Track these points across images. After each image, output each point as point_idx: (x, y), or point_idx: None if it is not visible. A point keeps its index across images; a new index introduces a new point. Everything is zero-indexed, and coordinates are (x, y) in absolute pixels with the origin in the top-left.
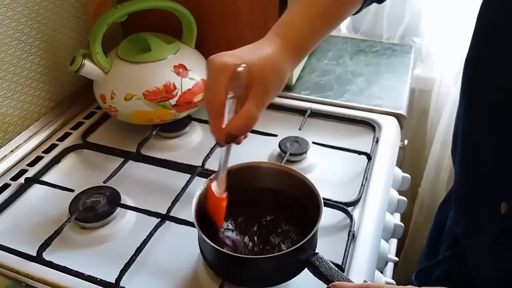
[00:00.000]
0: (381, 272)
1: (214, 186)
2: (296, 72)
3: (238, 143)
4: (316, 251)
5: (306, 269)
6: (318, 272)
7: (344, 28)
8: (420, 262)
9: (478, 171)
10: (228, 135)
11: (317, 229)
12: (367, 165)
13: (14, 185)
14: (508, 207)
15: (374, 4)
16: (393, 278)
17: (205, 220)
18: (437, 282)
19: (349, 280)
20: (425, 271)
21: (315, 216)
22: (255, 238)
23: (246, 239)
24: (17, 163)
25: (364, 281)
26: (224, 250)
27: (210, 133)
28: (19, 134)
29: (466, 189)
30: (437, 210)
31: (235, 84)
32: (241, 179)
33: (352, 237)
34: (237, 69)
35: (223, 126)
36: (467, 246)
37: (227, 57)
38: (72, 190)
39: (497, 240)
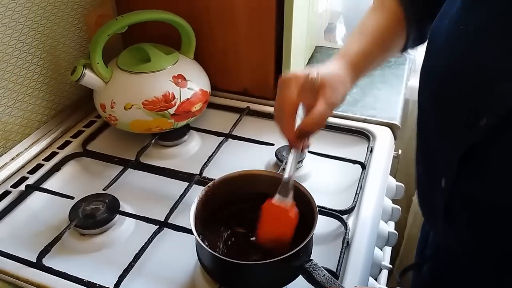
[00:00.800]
0: (375, 279)
1: (277, 199)
2: None
3: (303, 150)
4: (311, 258)
5: (301, 275)
6: (312, 279)
7: (339, 39)
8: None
9: (428, 153)
10: (301, 132)
11: (312, 236)
12: (361, 174)
13: (15, 192)
14: (445, 181)
15: None
16: (387, 285)
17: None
18: (422, 283)
19: (342, 287)
20: (413, 272)
21: (310, 223)
22: (252, 244)
23: (244, 245)
24: (17, 171)
25: (355, 286)
26: (220, 256)
27: (281, 136)
28: (20, 142)
29: (423, 175)
30: (423, 222)
31: (306, 91)
32: (239, 186)
33: (346, 244)
34: (312, 75)
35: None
36: (433, 232)
37: (297, 71)
38: (72, 197)
39: (446, 216)
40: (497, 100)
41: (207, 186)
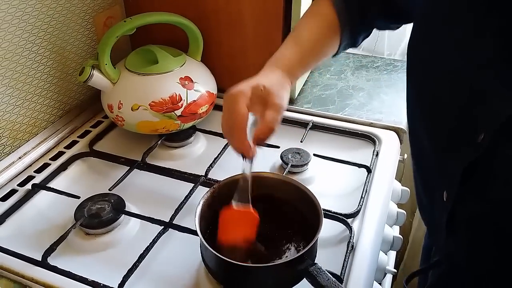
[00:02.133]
0: (380, 284)
1: (234, 203)
2: (299, 86)
3: (249, 156)
4: (315, 262)
5: (305, 279)
6: (316, 283)
7: None
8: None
9: (424, 165)
10: (258, 139)
11: (317, 239)
12: (367, 177)
13: (21, 191)
14: (447, 195)
15: None
16: None
17: (209, 230)
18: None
19: None
20: (419, 278)
21: (315, 226)
22: (257, 247)
23: (249, 247)
24: (24, 170)
25: None
26: (225, 258)
27: (233, 149)
28: (27, 141)
29: (421, 188)
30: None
31: (255, 101)
32: None
33: (351, 248)
34: (259, 86)
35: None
36: (434, 244)
37: (240, 85)
38: (78, 197)
39: (448, 229)
40: (491, 114)
41: (212, 187)
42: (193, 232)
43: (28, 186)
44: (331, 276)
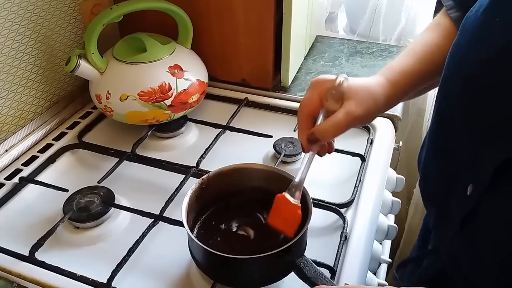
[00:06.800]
0: (375, 274)
1: (288, 195)
2: (292, 73)
3: (321, 155)
4: (303, 254)
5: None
6: (302, 274)
7: (341, 29)
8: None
9: (451, 160)
10: (310, 135)
11: (306, 231)
12: (360, 166)
13: (9, 185)
14: (474, 189)
15: (371, 6)
16: (386, 280)
17: (200, 222)
18: (419, 277)
19: (332, 283)
20: (410, 266)
21: (304, 217)
22: (246, 239)
23: (237, 239)
24: (12, 163)
25: (345, 283)
26: (211, 250)
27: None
28: (14, 133)
29: (436, 179)
30: (427, 212)
31: (331, 96)
32: (234, 180)
33: (344, 238)
34: (339, 79)
35: None
36: (438, 238)
37: (331, 75)
38: (66, 190)
39: (464, 225)
40: None
41: (201, 179)
42: (184, 225)
43: (16, 179)
44: (318, 268)
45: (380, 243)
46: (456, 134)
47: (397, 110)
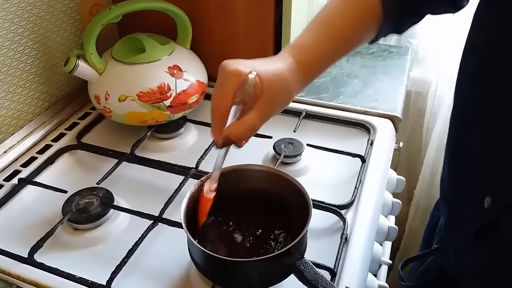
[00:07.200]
0: (375, 275)
1: (206, 186)
2: None
3: (239, 146)
4: (303, 256)
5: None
6: (302, 277)
7: None
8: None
9: (465, 166)
10: (225, 139)
11: (306, 233)
12: (361, 167)
13: (7, 186)
14: (492, 202)
15: None
16: (387, 281)
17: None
18: (423, 275)
19: (332, 286)
20: (413, 263)
21: (304, 219)
22: (246, 241)
23: (237, 241)
24: (10, 164)
25: (346, 286)
26: (210, 252)
27: (210, 134)
28: (12, 134)
29: (451, 183)
30: (433, 208)
31: (244, 92)
32: (233, 181)
33: (345, 240)
34: (249, 75)
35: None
36: (449, 240)
37: (241, 65)
38: (65, 191)
39: (478, 235)
40: None
41: (200, 180)
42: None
43: (14, 180)
44: (318, 271)
45: (381, 245)
46: (471, 137)
47: (397, 110)
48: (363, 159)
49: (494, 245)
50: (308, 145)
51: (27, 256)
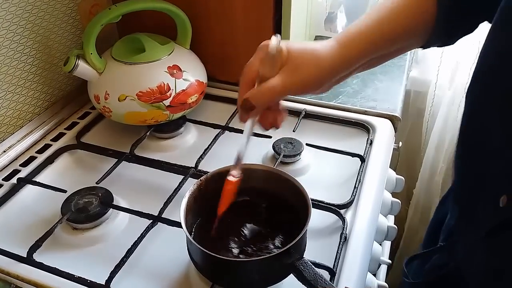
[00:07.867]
0: (374, 275)
1: (233, 171)
2: None
3: (266, 128)
4: (302, 256)
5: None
6: (302, 277)
7: (340, 29)
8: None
9: (481, 163)
10: (245, 101)
11: (305, 232)
12: (360, 167)
13: (7, 185)
14: (508, 200)
15: (370, 6)
16: (386, 281)
17: (198, 223)
18: (428, 272)
19: (332, 286)
20: (417, 261)
21: (304, 219)
22: (245, 240)
23: (236, 241)
24: (10, 163)
25: (346, 286)
26: (209, 252)
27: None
28: (12, 134)
29: (465, 180)
30: (438, 205)
31: (267, 61)
32: None
33: (344, 239)
34: (272, 42)
35: None
36: (460, 238)
37: (273, 39)
38: (64, 191)
39: (491, 233)
40: None
41: (199, 180)
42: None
43: (14, 180)
44: (317, 271)
45: (380, 244)
46: (489, 132)
47: (396, 110)
48: (362, 159)
49: (507, 244)
50: (307, 144)
51: (26, 256)
